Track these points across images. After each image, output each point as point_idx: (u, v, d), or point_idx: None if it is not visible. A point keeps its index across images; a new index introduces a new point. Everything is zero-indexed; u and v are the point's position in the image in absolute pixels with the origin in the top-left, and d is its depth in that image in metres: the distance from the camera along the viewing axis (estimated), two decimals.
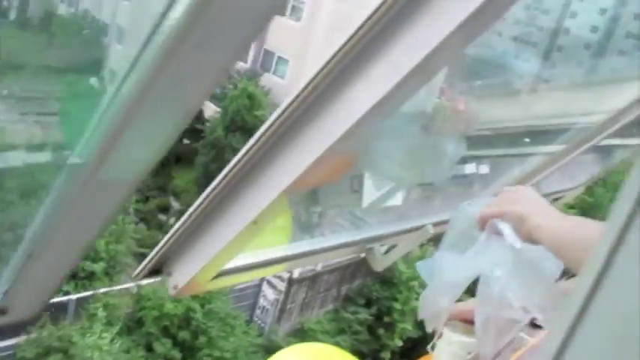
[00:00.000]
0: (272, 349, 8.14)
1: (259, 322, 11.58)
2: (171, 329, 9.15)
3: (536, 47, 12.55)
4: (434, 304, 1.08)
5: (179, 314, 9.09)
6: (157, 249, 1.22)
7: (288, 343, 5.35)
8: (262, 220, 1.05)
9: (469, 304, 1.12)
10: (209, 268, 1.19)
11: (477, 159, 1.99)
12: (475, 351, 1.08)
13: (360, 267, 11.56)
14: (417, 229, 1.70)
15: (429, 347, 1.21)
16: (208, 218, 1.10)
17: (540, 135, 2.20)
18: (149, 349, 9.27)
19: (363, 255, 1.71)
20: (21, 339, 8.24)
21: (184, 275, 1.24)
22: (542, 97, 2.60)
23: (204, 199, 1.07)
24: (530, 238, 0.87)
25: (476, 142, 1.68)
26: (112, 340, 8.38)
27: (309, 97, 0.85)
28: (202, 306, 9.23)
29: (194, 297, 8.92)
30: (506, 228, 0.91)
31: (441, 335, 1.16)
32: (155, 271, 1.29)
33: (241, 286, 10.21)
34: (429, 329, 1.13)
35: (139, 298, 9.50)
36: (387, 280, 11.50)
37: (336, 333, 11.34)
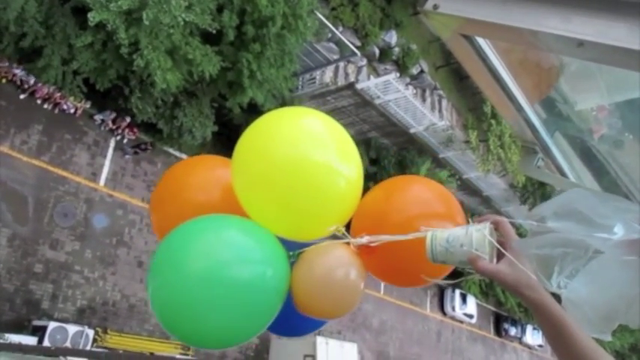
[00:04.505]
0: None
1: None
2: (247, 17, 9.42)
3: None
4: None
5: (262, 13, 9.27)
6: None
7: None
8: None
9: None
10: (472, 26, 1.36)
11: None
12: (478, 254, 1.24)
13: None
14: None
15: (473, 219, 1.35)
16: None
17: None
18: (220, 10, 9.59)
19: None
20: None
21: (448, 7, 1.41)
22: None
23: None
24: None
25: None
26: None
27: None
28: (282, 27, 9.43)
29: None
30: None
31: (482, 222, 1.28)
32: None
33: None
34: None
35: None
36: None
37: None
